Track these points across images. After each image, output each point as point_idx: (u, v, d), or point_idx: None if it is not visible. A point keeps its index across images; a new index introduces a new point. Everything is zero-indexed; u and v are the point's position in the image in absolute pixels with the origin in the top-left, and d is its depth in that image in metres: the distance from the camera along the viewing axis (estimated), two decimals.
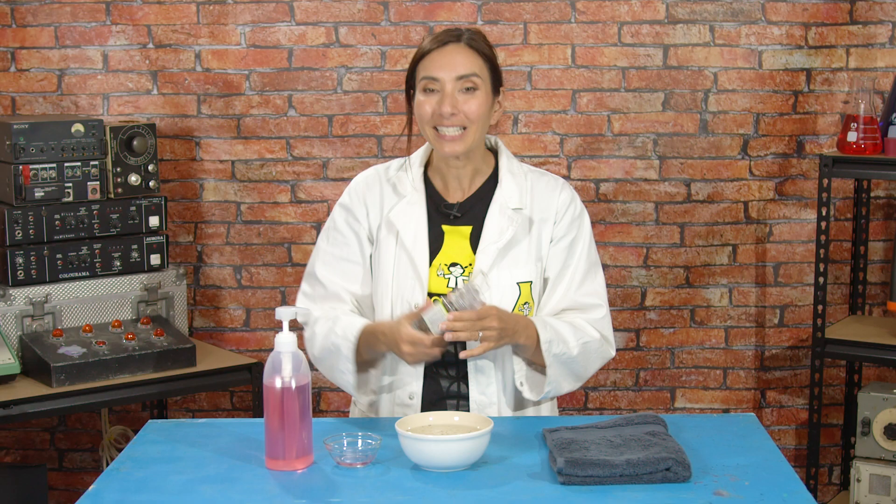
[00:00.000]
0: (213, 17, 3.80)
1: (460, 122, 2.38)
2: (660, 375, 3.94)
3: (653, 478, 2.00)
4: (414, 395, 2.44)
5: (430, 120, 2.40)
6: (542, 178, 2.53)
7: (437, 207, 2.48)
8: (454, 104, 2.37)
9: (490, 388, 2.43)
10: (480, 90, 2.40)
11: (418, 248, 2.43)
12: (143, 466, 2.14)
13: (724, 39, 3.79)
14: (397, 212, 2.46)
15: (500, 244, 2.42)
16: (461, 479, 2.04)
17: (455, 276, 2.43)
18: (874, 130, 3.47)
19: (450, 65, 2.38)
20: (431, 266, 2.43)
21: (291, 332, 2.11)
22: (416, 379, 2.44)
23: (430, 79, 2.39)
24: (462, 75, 2.38)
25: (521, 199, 2.46)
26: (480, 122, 2.40)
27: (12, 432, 3.96)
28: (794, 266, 3.90)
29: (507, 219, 2.44)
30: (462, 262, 2.44)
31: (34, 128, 3.31)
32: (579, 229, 2.50)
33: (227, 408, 3.99)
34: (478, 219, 2.46)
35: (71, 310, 3.37)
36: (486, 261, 2.41)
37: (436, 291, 2.42)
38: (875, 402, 3.55)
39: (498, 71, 2.45)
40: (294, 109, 3.84)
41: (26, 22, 3.80)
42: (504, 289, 2.42)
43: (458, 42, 2.40)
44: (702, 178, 3.85)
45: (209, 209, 3.89)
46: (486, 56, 2.42)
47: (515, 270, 2.43)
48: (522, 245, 2.44)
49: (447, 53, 2.39)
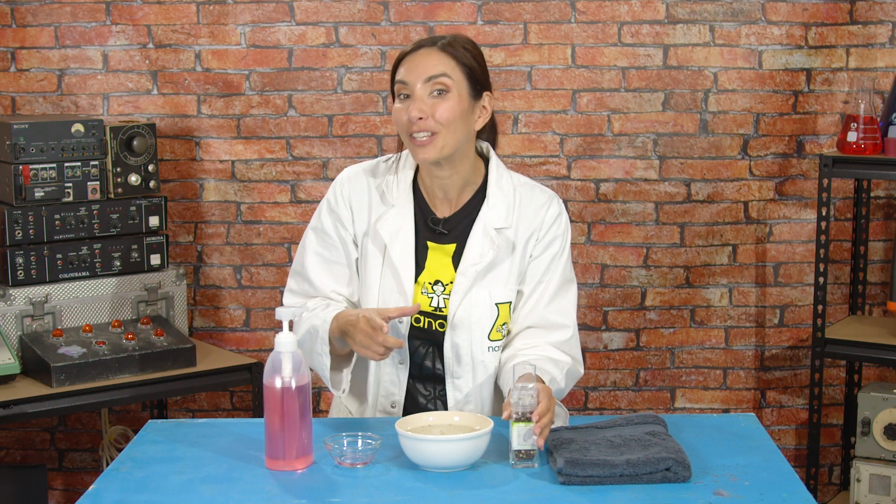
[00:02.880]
0: (213, 17, 3.80)
1: (430, 126, 2.31)
2: (660, 375, 3.94)
3: (653, 478, 2.00)
4: (396, 405, 2.43)
5: (405, 126, 2.33)
6: (532, 193, 2.45)
7: (424, 221, 2.43)
8: (422, 108, 2.30)
9: (468, 406, 2.42)
10: (452, 92, 2.32)
11: (405, 265, 2.39)
12: (143, 466, 2.14)
13: (724, 39, 3.78)
14: (385, 223, 2.41)
15: (480, 266, 2.37)
16: (461, 479, 2.04)
17: (437, 294, 2.40)
18: (874, 130, 3.46)
19: (419, 67, 2.32)
20: (416, 283, 2.40)
21: (291, 332, 2.11)
22: (398, 388, 2.43)
23: (401, 83, 2.34)
24: (431, 76, 2.31)
25: (507, 217, 2.40)
26: (452, 126, 2.32)
27: (12, 432, 3.96)
28: (794, 266, 3.90)
29: (490, 241, 2.38)
30: (444, 279, 2.40)
31: (34, 128, 3.31)
32: (561, 247, 2.44)
33: (227, 408, 3.99)
34: (462, 237, 2.41)
35: (71, 310, 3.37)
36: (465, 282, 2.37)
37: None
38: (875, 402, 3.55)
39: (479, 75, 2.37)
40: (294, 109, 3.84)
41: (26, 22, 3.80)
42: (482, 309, 2.38)
43: (432, 46, 2.34)
44: (702, 178, 3.85)
45: (209, 209, 3.89)
46: (463, 61, 2.34)
47: (494, 290, 2.39)
48: (504, 266, 2.40)
49: (418, 56, 2.34)
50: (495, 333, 2.40)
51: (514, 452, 2.09)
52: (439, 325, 2.40)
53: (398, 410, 2.44)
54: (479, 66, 2.38)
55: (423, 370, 2.42)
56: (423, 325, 2.41)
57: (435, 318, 2.40)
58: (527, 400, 2.07)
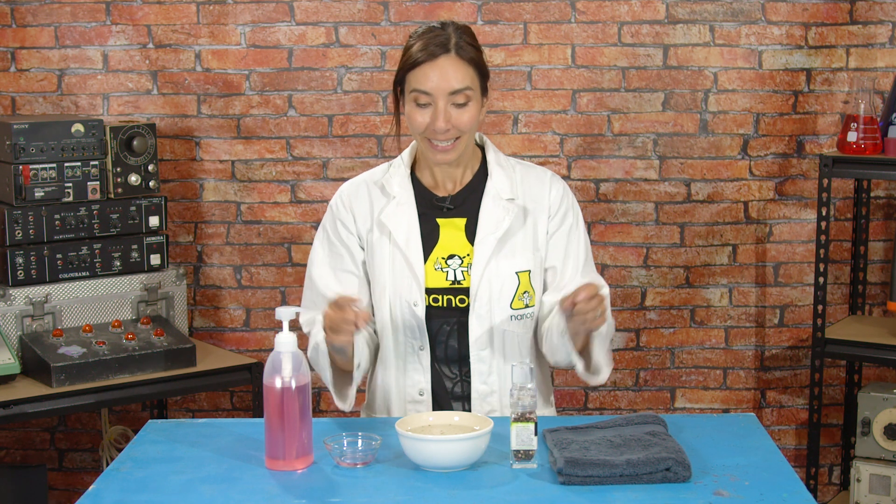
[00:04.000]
0: (213, 17, 3.80)
1: (454, 135, 2.38)
2: (660, 375, 3.94)
3: (653, 478, 2.00)
4: (424, 392, 2.45)
5: (423, 132, 2.39)
6: (531, 170, 2.53)
7: (428, 202, 2.48)
8: (448, 119, 2.36)
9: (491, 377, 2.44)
10: (473, 101, 2.38)
11: (412, 245, 2.44)
12: (143, 466, 2.14)
13: (724, 39, 3.78)
14: (388, 213, 2.46)
15: (498, 234, 2.43)
16: (461, 479, 2.04)
17: (453, 268, 2.44)
18: (874, 130, 3.47)
19: (442, 80, 2.35)
20: (428, 261, 2.44)
21: (291, 332, 2.11)
22: (423, 375, 2.45)
23: (422, 93, 2.36)
24: (455, 90, 2.35)
25: (512, 189, 2.47)
26: (473, 129, 2.41)
27: (12, 432, 3.96)
28: (794, 266, 3.90)
29: (503, 209, 2.45)
30: (460, 252, 2.44)
31: (34, 128, 3.31)
32: (574, 217, 2.51)
33: (227, 408, 3.99)
34: (471, 211, 2.46)
35: (71, 310, 3.37)
36: (485, 251, 2.42)
37: (433, 286, 2.42)
38: (875, 402, 3.55)
39: (484, 68, 2.42)
40: (294, 109, 3.84)
41: (26, 22, 3.80)
42: (503, 279, 2.43)
43: (449, 53, 2.36)
44: (702, 178, 3.85)
45: (209, 209, 3.89)
46: (476, 62, 2.39)
47: (514, 260, 2.44)
48: (519, 235, 2.45)
49: (438, 67, 2.35)
50: (517, 302, 2.44)
51: (513, 452, 2.09)
52: (459, 300, 2.43)
53: (427, 398, 2.45)
54: (482, 58, 2.43)
55: (448, 351, 2.44)
56: (441, 304, 2.43)
57: (455, 293, 2.43)
58: (526, 400, 2.08)
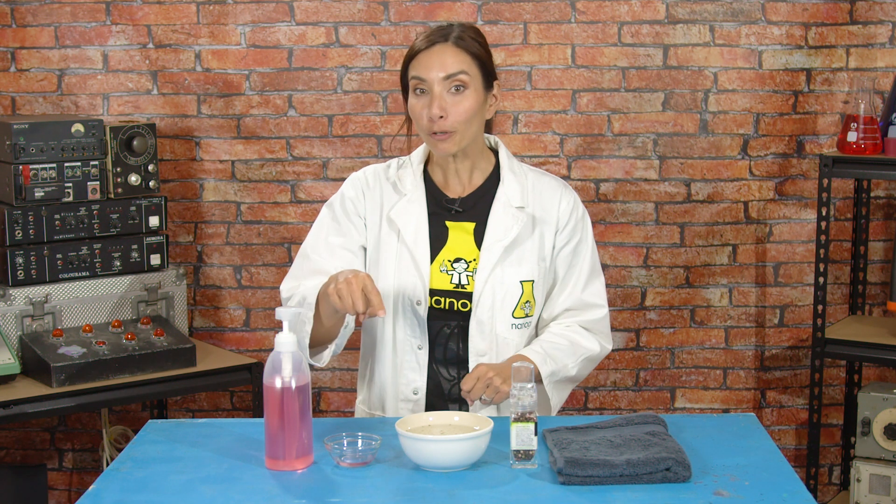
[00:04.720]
0: (213, 17, 3.80)
1: (450, 124, 2.38)
2: (660, 375, 3.94)
3: (653, 478, 2.00)
4: (418, 391, 2.45)
5: (424, 124, 2.40)
6: (543, 178, 2.54)
7: (438, 202, 2.48)
8: (443, 106, 2.37)
9: None
10: (469, 88, 2.39)
11: (419, 244, 2.44)
12: (143, 466, 2.14)
13: (724, 39, 3.78)
14: (398, 210, 2.47)
15: (506, 242, 2.43)
16: (461, 479, 2.04)
17: (458, 272, 2.44)
18: (874, 130, 3.47)
19: (437, 65, 2.38)
20: (434, 262, 2.44)
21: (291, 332, 2.11)
22: (419, 374, 2.45)
23: (418, 79, 2.40)
24: (449, 74, 2.37)
25: (523, 197, 2.48)
26: (472, 120, 2.40)
27: (12, 432, 3.96)
28: (794, 266, 3.90)
29: (512, 217, 2.45)
30: (466, 257, 2.45)
31: (34, 128, 3.31)
32: (583, 232, 2.53)
33: (227, 408, 3.99)
34: (481, 215, 2.47)
35: (71, 310, 3.37)
36: (491, 258, 2.42)
37: (437, 288, 2.43)
38: (875, 402, 3.55)
39: (490, 66, 2.44)
40: (294, 109, 3.84)
41: (26, 22, 3.80)
42: (507, 287, 2.43)
43: (446, 41, 2.40)
44: (702, 178, 3.85)
45: (209, 209, 3.89)
46: (475, 54, 2.41)
47: (519, 269, 2.45)
48: (526, 244, 2.46)
49: (434, 54, 2.39)
50: (519, 311, 2.45)
51: (513, 452, 2.09)
52: (462, 304, 2.43)
53: (421, 398, 2.45)
54: (488, 57, 2.45)
55: (448, 353, 2.45)
56: (443, 307, 2.44)
57: (458, 296, 2.43)
58: (526, 400, 2.08)
